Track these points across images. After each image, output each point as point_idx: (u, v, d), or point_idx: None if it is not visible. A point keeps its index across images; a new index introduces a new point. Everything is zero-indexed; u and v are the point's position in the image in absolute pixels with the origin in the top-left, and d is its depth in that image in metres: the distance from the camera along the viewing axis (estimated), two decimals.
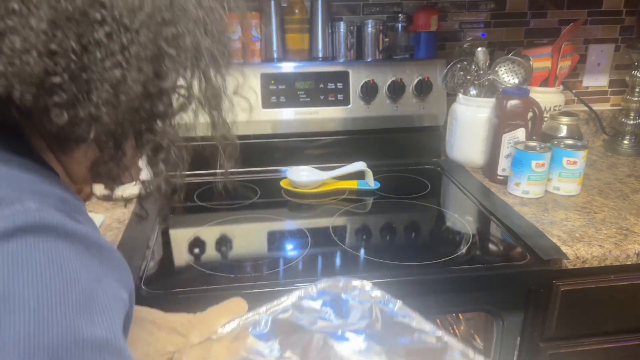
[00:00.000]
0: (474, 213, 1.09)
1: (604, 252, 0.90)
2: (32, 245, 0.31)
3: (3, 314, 0.28)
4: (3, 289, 0.29)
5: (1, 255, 0.29)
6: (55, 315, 0.30)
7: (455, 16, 1.41)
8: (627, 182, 1.23)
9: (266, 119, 1.28)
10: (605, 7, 1.45)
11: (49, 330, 0.29)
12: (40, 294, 0.30)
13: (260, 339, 0.63)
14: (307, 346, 0.63)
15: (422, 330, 0.64)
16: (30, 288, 0.29)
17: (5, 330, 0.28)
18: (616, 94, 1.54)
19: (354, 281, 0.70)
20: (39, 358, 0.28)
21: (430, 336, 0.63)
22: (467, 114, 1.28)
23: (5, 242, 0.30)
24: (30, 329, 0.28)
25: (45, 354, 0.28)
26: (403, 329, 0.64)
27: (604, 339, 0.97)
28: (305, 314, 0.67)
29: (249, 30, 1.28)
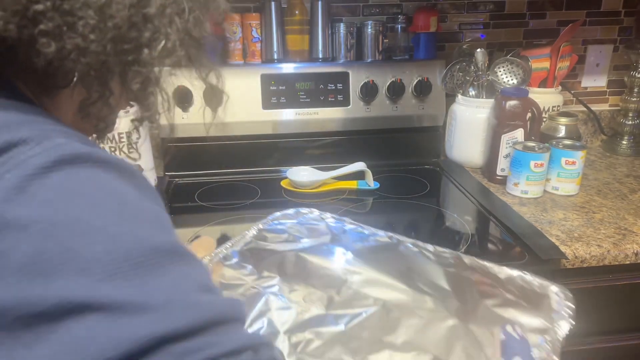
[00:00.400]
0: (473, 213, 1.10)
1: (603, 252, 0.90)
2: (75, 174, 0.32)
3: (74, 239, 0.29)
4: (65, 217, 0.30)
5: (49, 187, 0.30)
6: (122, 230, 0.31)
7: (454, 17, 1.41)
8: (625, 182, 1.23)
9: (266, 119, 1.28)
10: (604, 8, 1.46)
11: (123, 243, 0.31)
12: (101, 214, 0.31)
13: (235, 268, 0.66)
14: (282, 264, 0.67)
15: (375, 234, 0.75)
16: (89, 211, 0.31)
17: (83, 253, 0.29)
18: (615, 95, 1.55)
19: (303, 209, 0.81)
20: (124, 270, 0.29)
21: (383, 237, 0.74)
22: (466, 115, 1.29)
23: (47, 176, 0.31)
24: (105, 246, 0.30)
25: (127, 265, 0.30)
26: (360, 237, 0.74)
27: (602, 339, 0.98)
28: (269, 241, 0.73)
29: (250, 31, 1.29)
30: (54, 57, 0.37)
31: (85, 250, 0.29)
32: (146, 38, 0.41)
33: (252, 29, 1.29)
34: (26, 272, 0.28)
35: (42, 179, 0.30)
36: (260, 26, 1.29)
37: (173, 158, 1.29)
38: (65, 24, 0.36)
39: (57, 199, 0.30)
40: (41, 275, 0.28)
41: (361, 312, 0.57)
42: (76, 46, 0.37)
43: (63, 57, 0.37)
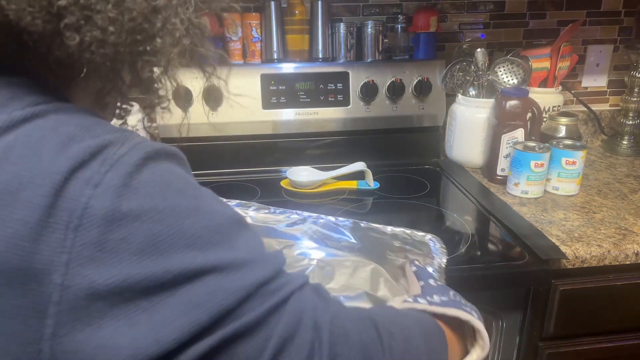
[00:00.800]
0: (473, 213, 1.10)
1: (603, 252, 0.90)
2: (158, 169, 0.38)
3: (178, 222, 0.37)
4: (166, 205, 0.37)
5: (145, 182, 0.37)
6: (206, 208, 0.39)
7: (454, 17, 1.41)
8: (625, 182, 1.23)
9: (266, 119, 1.28)
10: (604, 8, 1.46)
11: (211, 219, 0.39)
12: (187, 199, 0.39)
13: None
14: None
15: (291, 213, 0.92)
16: (179, 197, 0.38)
17: (187, 231, 0.37)
18: (615, 95, 1.55)
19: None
20: (217, 239, 0.38)
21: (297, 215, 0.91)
22: (466, 115, 1.29)
23: (140, 171, 0.37)
24: (201, 223, 0.38)
25: (218, 235, 0.39)
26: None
27: (602, 339, 0.98)
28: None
29: (250, 31, 1.29)
30: (75, 50, 0.40)
31: (188, 229, 0.37)
32: (157, 29, 0.43)
33: (252, 29, 1.29)
34: (147, 252, 0.35)
35: (138, 174, 0.37)
36: (260, 26, 1.29)
37: None
38: (85, 17, 0.39)
39: (155, 191, 0.37)
40: (159, 253, 0.35)
41: (303, 270, 0.72)
42: (95, 38, 0.40)
43: (83, 49, 0.40)
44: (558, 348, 0.96)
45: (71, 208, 0.34)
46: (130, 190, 0.36)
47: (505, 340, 0.95)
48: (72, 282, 0.34)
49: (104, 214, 0.35)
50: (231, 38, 1.29)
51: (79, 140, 0.37)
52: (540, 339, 0.95)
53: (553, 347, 0.96)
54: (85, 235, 0.34)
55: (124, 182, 0.36)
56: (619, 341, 0.98)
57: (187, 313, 0.36)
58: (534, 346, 0.95)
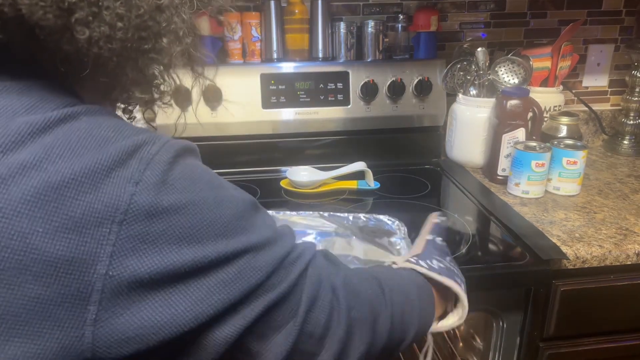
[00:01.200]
0: (473, 213, 1.09)
1: (604, 252, 0.90)
2: (186, 164, 0.43)
3: (211, 213, 0.42)
4: (199, 198, 0.42)
5: (178, 177, 0.41)
6: (230, 197, 0.45)
7: (455, 16, 1.41)
8: (627, 182, 1.23)
9: (266, 119, 1.28)
10: (605, 8, 1.45)
11: (235, 207, 0.44)
12: (215, 190, 0.44)
13: None
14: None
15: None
16: (208, 190, 0.43)
17: (219, 221, 0.42)
18: (616, 94, 1.55)
19: None
20: (242, 224, 0.44)
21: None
22: (467, 114, 1.28)
23: (172, 169, 0.41)
24: (229, 212, 0.43)
25: (243, 220, 0.44)
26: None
27: (603, 339, 0.97)
28: None
29: (249, 31, 1.28)
30: (83, 44, 0.41)
31: (220, 219, 0.42)
32: (162, 27, 0.46)
33: (252, 28, 1.28)
34: (185, 242, 0.40)
35: (172, 171, 0.41)
36: (260, 25, 1.28)
37: None
38: (94, 13, 0.41)
39: (187, 185, 0.41)
40: (196, 242, 0.40)
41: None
42: (104, 34, 0.42)
43: (91, 44, 0.42)
44: (559, 348, 0.96)
45: (115, 204, 0.38)
46: (167, 186, 0.40)
47: (505, 341, 0.94)
48: (116, 272, 0.37)
49: (147, 209, 0.38)
50: (231, 38, 1.29)
51: (113, 141, 0.40)
52: (540, 340, 0.95)
53: (554, 347, 0.96)
54: (130, 229, 0.38)
55: (162, 179, 0.40)
56: (620, 341, 0.98)
57: (221, 291, 0.41)
58: (534, 346, 0.95)
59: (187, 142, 0.45)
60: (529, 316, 0.92)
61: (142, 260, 0.38)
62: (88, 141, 0.39)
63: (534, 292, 0.91)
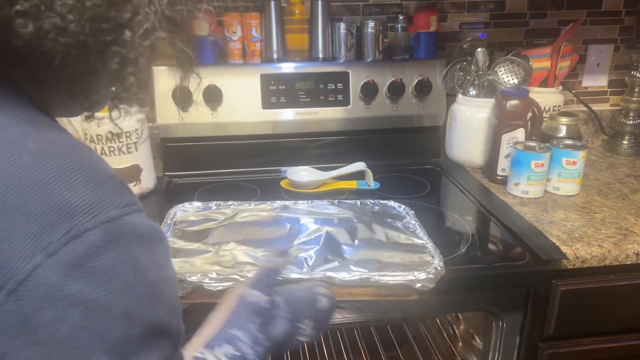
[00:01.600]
0: (473, 213, 1.09)
1: (604, 252, 0.90)
2: (118, 258, 0.37)
3: (108, 323, 0.36)
4: (107, 301, 0.36)
5: (101, 269, 0.36)
6: (143, 313, 0.38)
7: (455, 17, 1.41)
8: (626, 182, 1.23)
9: (266, 119, 1.28)
10: (605, 8, 1.46)
11: (135, 328, 0.38)
12: (132, 298, 0.37)
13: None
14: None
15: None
16: (124, 296, 0.37)
17: (110, 335, 0.36)
18: (615, 94, 1.55)
19: None
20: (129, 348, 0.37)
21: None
22: (466, 114, 1.28)
23: (98, 255, 0.35)
24: (124, 331, 0.37)
25: (132, 344, 0.38)
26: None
27: (603, 339, 0.98)
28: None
29: (249, 31, 1.28)
30: (33, 38, 0.38)
31: (112, 333, 0.36)
32: (126, 18, 0.42)
33: (252, 29, 1.28)
34: (66, 345, 0.34)
35: (96, 258, 0.35)
36: (260, 26, 1.29)
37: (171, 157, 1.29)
38: (43, 4, 0.37)
39: (104, 281, 0.36)
40: (78, 349, 0.35)
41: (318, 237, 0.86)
42: (54, 26, 0.38)
43: (41, 37, 0.38)
44: (558, 348, 0.96)
45: (13, 269, 0.33)
46: (81, 272, 0.35)
47: (505, 340, 0.94)
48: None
49: (44, 289, 0.34)
50: (231, 38, 1.29)
51: (47, 190, 0.35)
52: (540, 339, 0.95)
53: (553, 347, 0.96)
54: (17, 305, 0.33)
55: (79, 262, 0.35)
56: (620, 341, 0.98)
57: None
58: (534, 346, 0.95)
59: (141, 225, 0.39)
60: (528, 316, 0.93)
61: (14, 343, 0.33)
62: (18, 182, 0.35)
63: (534, 292, 0.91)
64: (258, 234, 0.88)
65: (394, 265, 0.78)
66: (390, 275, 0.73)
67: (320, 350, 1.41)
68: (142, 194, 1.14)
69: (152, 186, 1.16)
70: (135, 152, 1.09)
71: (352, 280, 0.73)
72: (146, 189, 1.14)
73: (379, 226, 0.91)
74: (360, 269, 0.75)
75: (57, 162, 0.37)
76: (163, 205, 1.11)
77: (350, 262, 0.79)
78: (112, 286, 0.36)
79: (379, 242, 0.86)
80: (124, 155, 1.08)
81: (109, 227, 0.36)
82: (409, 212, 0.98)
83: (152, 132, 1.23)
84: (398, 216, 0.97)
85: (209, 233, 0.88)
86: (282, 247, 0.77)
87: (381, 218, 0.95)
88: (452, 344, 1.25)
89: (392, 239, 0.87)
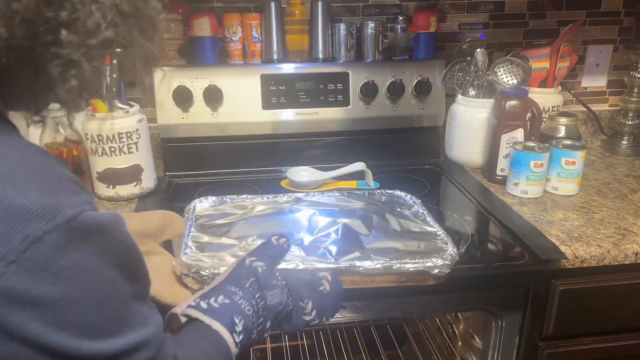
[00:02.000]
0: (473, 213, 1.10)
1: (603, 252, 0.90)
2: (80, 254, 0.37)
3: (86, 313, 0.38)
4: (76, 297, 0.37)
5: (65, 268, 0.36)
6: (115, 293, 0.41)
7: (454, 17, 1.41)
8: (625, 182, 1.23)
9: (266, 119, 1.28)
10: (604, 8, 1.46)
11: (117, 306, 0.41)
12: (103, 285, 0.39)
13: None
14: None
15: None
16: (86, 291, 0.38)
17: (91, 321, 0.38)
18: (615, 95, 1.55)
19: None
20: (111, 326, 0.40)
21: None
22: (466, 115, 1.29)
23: (61, 255, 0.36)
24: (105, 313, 0.39)
25: (115, 324, 0.40)
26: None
27: (602, 338, 0.98)
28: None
29: (250, 31, 1.29)
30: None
31: (91, 321, 0.38)
32: (63, 17, 0.40)
33: (252, 29, 1.29)
34: (46, 335, 0.35)
35: (59, 258, 0.36)
36: (260, 26, 1.29)
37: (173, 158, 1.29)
38: None
39: (70, 279, 0.36)
40: (58, 336, 0.36)
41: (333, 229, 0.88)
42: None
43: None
44: (557, 348, 0.96)
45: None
46: (46, 274, 0.35)
47: (504, 340, 0.95)
48: None
49: (10, 295, 0.34)
50: (231, 38, 1.29)
51: (1, 197, 0.35)
52: (539, 339, 0.95)
53: (552, 347, 0.96)
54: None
55: (43, 266, 0.35)
56: (619, 341, 0.98)
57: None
58: (533, 346, 0.95)
59: (100, 219, 0.39)
60: (528, 316, 0.93)
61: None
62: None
63: (533, 291, 0.91)
64: (277, 227, 0.90)
65: (412, 253, 0.82)
66: (410, 263, 0.77)
67: (320, 350, 1.41)
68: (143, 193, 1.14)
69: (152, 186, 1.17)
70: (135, 152, 1.10)
71: (375, 268, 0.76)
72: (147, 188, 1.15)
73: (392, 216, 0.95)
74: (382, 258, 0.79)
75: (6, 167, 0.36)
76: (163, 205, 1.11)
77: (370, 252, 0.82)
78: (83, 281, 0.37)
79: (394, 232, 0.89)
80: (124, 155, 1.08)
81: (67, 227, 0.36)
82: (416, 201, 1.01)
83: (153, 132, 1.23)
84: (406, 205, 1.01)
85: (230, 227, 0.90)
86: (279, 234, 0.78)
87: (392, 207, 0.99)
88: (452, 344, 1.26)
89: (406, 228, 0.91)
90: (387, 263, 0.77)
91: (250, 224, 0.91)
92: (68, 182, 0.39)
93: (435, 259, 0.78)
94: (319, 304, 0.68)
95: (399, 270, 0.77)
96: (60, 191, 0.38)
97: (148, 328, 0.44)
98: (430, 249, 0.83)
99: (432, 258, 0.78)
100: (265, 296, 0.64)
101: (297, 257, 0.78)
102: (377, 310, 0.94)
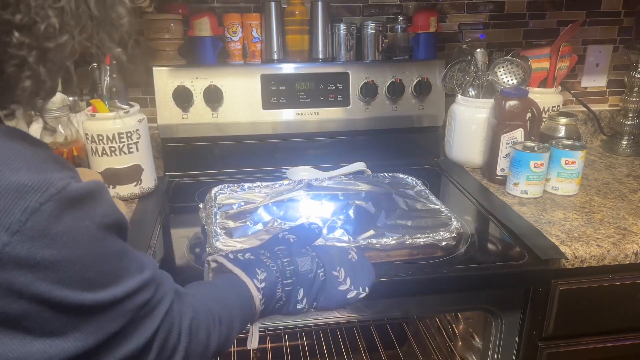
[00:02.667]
0: (472, 213, 1.10)
1: (602, 252, 0.90)
2: (75, 219, 0.41)
3: (86, 269, 0.41)
4: (75, 256, 0.41)
5: (62, 233, 0.40)
6: (107, 249, 0.44)
7: (454, 17, 1.41)
8: (625, 182, 1.23)
9: (266, 119, 1.28)
10: (604, 8, 1.46)
11: (112, 258, 0.45)
12: (98, 242, 0.43)
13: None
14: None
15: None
16: (90, 245, 0.42)
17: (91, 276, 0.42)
18: (614, 95, 1.55)
19: None
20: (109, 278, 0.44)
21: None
22: (466, 115, 1.29)
23: (57, 222, 0.39)
24: (103, 266, 0.43)
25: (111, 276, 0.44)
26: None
27: (602, 338, 0.98)
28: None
29: (250, 31, 1.29)
30: None
31: (91, 275, 0.42)
32: (17, 20, 0.41)
33: (252, 29, 1.29)
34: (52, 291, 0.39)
35: (56, 224, 0.39)
36: (260, 26, 1.29)
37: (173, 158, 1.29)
38: None
39: (68, 241, 0.40)
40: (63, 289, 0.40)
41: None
42: None
43: None
44: (557, 348, 0.97)
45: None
46: (47, 240, 0.39)
47: (504, 340, 0.95)
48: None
49: (17, 260, 0.38)
50: (231, 38, 1.29)
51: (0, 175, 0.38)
52: (539, 339, 0.95)
53: (552, 346, 0.96)
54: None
55: (43, 232, 0.39)
56: (619, 341, 0.99)
57: (75, 338, 0.41)
58: (533, 346, 0.95)
59: (84, 188, 0.43)
60: (527, 315, 0.93)
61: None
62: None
63: (533, 291, 0.91)
64: (296, 211, 0.96)
65: (421, 228, 0.90)
66: (422, 237, 0.86)
67: (320, 350, 1.41)
68: (143, 193, 1.14)
69: (152, 186, 1.17)
70: (136, 152, 1.10)
71: (390, 244, 0.84)
72: (147, 188, 1.15)
73: (398, 196, 1.02)
74: (395, 234, 0.87)
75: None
76: (164, 205, 1.11)
77: (384, 229, 0.90)
78: (78, 244, 0.41)
79: (402, 210, 0.97)
80: (124, 155, 1.08)
81: (59, 196, 0.40)
82: (417, 182, 1.10)
83: (153, 132, 1.23)
84: (409, 185, 1.10)
85: (252, 213, 0.96)
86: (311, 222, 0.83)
87: (397, 188, 1.07)
88: (452, 343, 1.26)
89: (412, 207, 0.99)
90: (400, 239, 0.85)
91: (269, 210, 0.96)
92: (52, 161, 0.43)
93: (443, 232, 0.87)
94: (350, 271, 0.73)
95: (412, 245, 0.85)
96: (47, 169, 0.41)
97: (144, 273, 0.48)
98: (436, 224, 0.92)
99: (440, 232, 0.87)
100: (296, 262, 0.69)
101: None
102: (377, 310, 0.94)
